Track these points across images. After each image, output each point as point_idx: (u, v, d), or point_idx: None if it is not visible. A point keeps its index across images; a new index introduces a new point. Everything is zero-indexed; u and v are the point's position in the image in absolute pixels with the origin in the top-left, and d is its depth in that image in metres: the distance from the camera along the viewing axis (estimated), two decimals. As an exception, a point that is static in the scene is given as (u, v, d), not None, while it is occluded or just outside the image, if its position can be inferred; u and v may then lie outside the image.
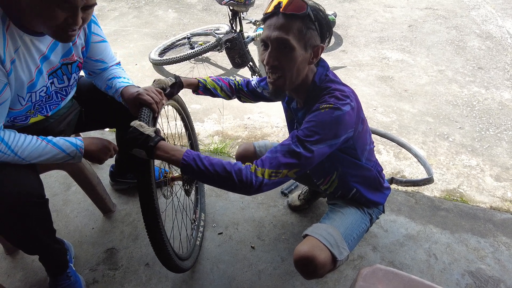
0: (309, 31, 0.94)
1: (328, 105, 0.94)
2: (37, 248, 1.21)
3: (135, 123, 0.97)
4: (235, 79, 1.40)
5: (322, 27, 0.96)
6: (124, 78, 1.29)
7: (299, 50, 0.94)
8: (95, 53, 1.22)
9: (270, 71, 0.99)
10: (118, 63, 1.35)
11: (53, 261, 1.30)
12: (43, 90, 1.08)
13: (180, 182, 1.40)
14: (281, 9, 0.91)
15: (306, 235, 1.09)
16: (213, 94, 1.36)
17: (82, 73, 1.30)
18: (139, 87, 1.21)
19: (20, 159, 1.01)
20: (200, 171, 0.92)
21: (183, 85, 1.29)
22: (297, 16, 0.91)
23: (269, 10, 0.95)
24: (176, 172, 1.39)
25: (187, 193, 1.41)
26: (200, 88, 1.32)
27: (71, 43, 1.08)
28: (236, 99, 1.42)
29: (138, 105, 1.11)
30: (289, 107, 1.19)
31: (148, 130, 0.95)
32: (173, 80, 1.26)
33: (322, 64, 1.05)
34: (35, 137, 1.04)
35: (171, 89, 1.26)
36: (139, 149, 0.93)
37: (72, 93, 1.29)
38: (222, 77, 1.40)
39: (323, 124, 0.94)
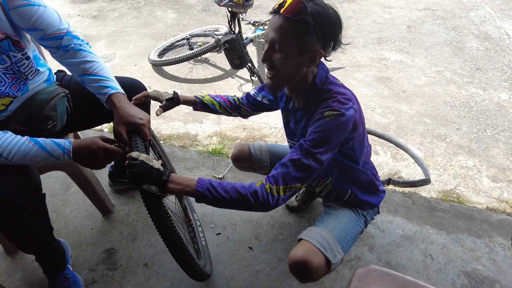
0: (307, 36, 0.91)
1: (332, 112, 0.95)
2: (36, 245, 1.22)
3: (140, 155, 0.92)
4: (234, 95, 1.41)
5: (324, 33, 0.92)
6: (108, 78, 1.16)
7: (292, 55, 0.93)
8: (22, 21, 1.06)
9: (267, 67, 1.00)
10: (66, 32, 1.15)
11: (52, 259, 1.31)
12: None
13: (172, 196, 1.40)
14: (281, 10, 0.90)
15: (301, 239, 1.10)
16: (212, 110, 1.38)
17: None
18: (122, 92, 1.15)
19: (7, 160, 0.98)
20: (215, 200, 0.93)
21: (180, 101, 1.32)
22: (293, 20, 0.89)
23: (275, 7, 0.94)
24: None
25: (180, 200, 1.42)
26: (197, 104, 1.35)
27: None
28: (238, 117, 1.44)
29: (130, 130, 1.06)
30: (286, 107, 1.20)
31: (157, 163, 0.93)
32: (171, 94, 1.29)
33: (322, 66, 1.05)
34: (23, 138, 1.00)
35: (167, 103, 1.28)
36: (151, 184, 0.90)
37: (34, 73, 1.18)
38: (222, 94, 1.42)
39: (331, 133, 0.95)
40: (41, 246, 1.24)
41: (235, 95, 1.41)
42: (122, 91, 1.16)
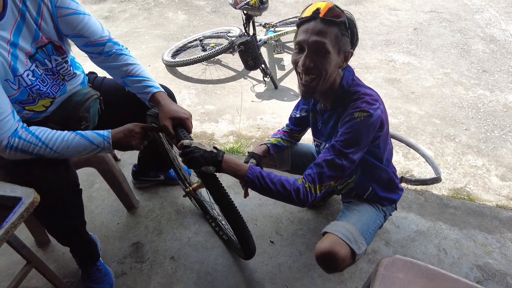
0: (343, 38, 1.01)
1: (362, 113, 1.02)
2: (74, 237, 1.30)
3: (192, 142, 1.02)
4: (285, 126, 1.50)
5: (353, 34, 1.04)
6: (150, 79, 1.24)
7: (333, 54, 1.01)
8: (68, 28, 1.13)
9: (304, 72, 1.04)
10: (108, 39, 1.22)
11: (87, 251, 1.38)
12: (29, 74, 1.10)
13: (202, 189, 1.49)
14: (320, 15, 0.98)
15: (325, 232, 1.16)
16: (281, 148, 1.46)
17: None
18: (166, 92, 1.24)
19: (52, 151, 1.06)
20: (262, 188, 1.04)
21: (262, 162, 1.38)
22: (335, 23, 0.98)
23: (307, 15, 1.01)
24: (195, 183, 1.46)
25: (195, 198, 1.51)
26: (270, 148, 1.43)
27: (35, 26, 1.06)
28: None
29: (174, 124, 1.14)
30: (314, 108, 1.27)
31: (209, 147, 1.03)
32: (254, 162, 1.36)
33: (348, 69, 1.13)
34: (64, 131, 1.09)
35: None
36: (208, 166, 1.00)
37: (71, 76, 1.25)
38: (273, 133, 1.52)
39: (361, 134, 1.03)
40: (77, 238, 1.32)
41: (285, 126, 1.50)
42: (163, 90, 1.24)
